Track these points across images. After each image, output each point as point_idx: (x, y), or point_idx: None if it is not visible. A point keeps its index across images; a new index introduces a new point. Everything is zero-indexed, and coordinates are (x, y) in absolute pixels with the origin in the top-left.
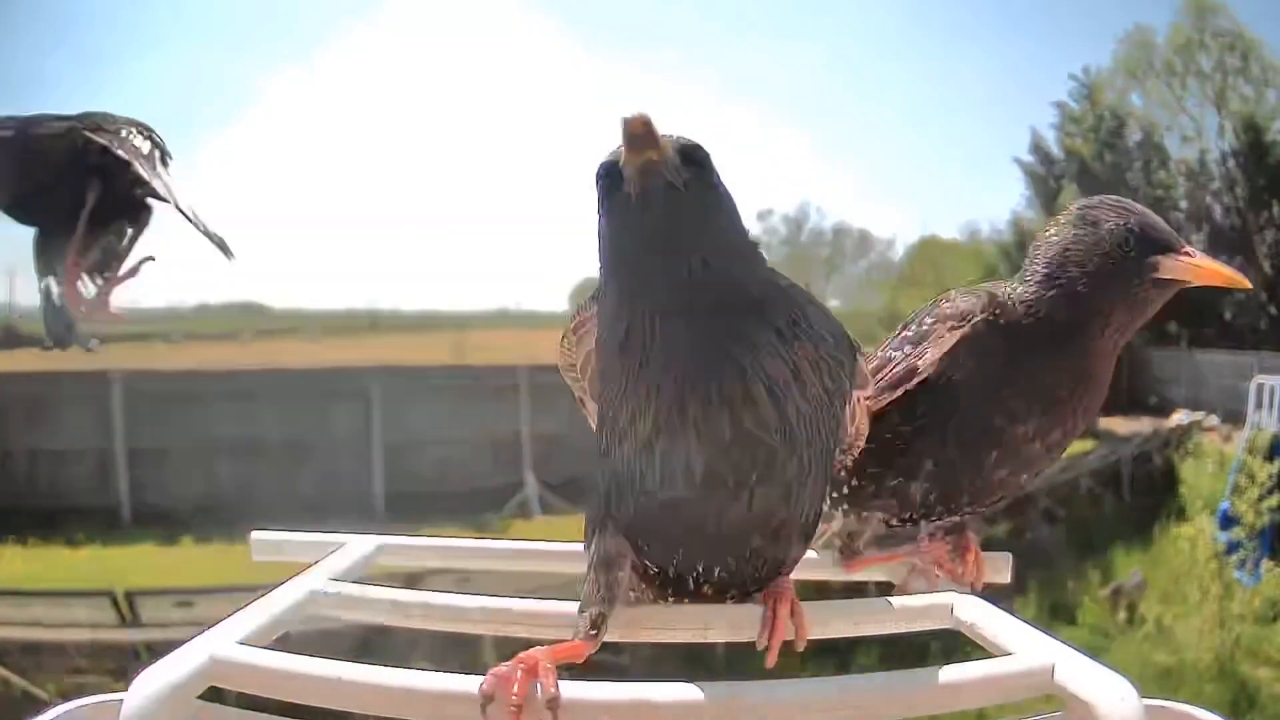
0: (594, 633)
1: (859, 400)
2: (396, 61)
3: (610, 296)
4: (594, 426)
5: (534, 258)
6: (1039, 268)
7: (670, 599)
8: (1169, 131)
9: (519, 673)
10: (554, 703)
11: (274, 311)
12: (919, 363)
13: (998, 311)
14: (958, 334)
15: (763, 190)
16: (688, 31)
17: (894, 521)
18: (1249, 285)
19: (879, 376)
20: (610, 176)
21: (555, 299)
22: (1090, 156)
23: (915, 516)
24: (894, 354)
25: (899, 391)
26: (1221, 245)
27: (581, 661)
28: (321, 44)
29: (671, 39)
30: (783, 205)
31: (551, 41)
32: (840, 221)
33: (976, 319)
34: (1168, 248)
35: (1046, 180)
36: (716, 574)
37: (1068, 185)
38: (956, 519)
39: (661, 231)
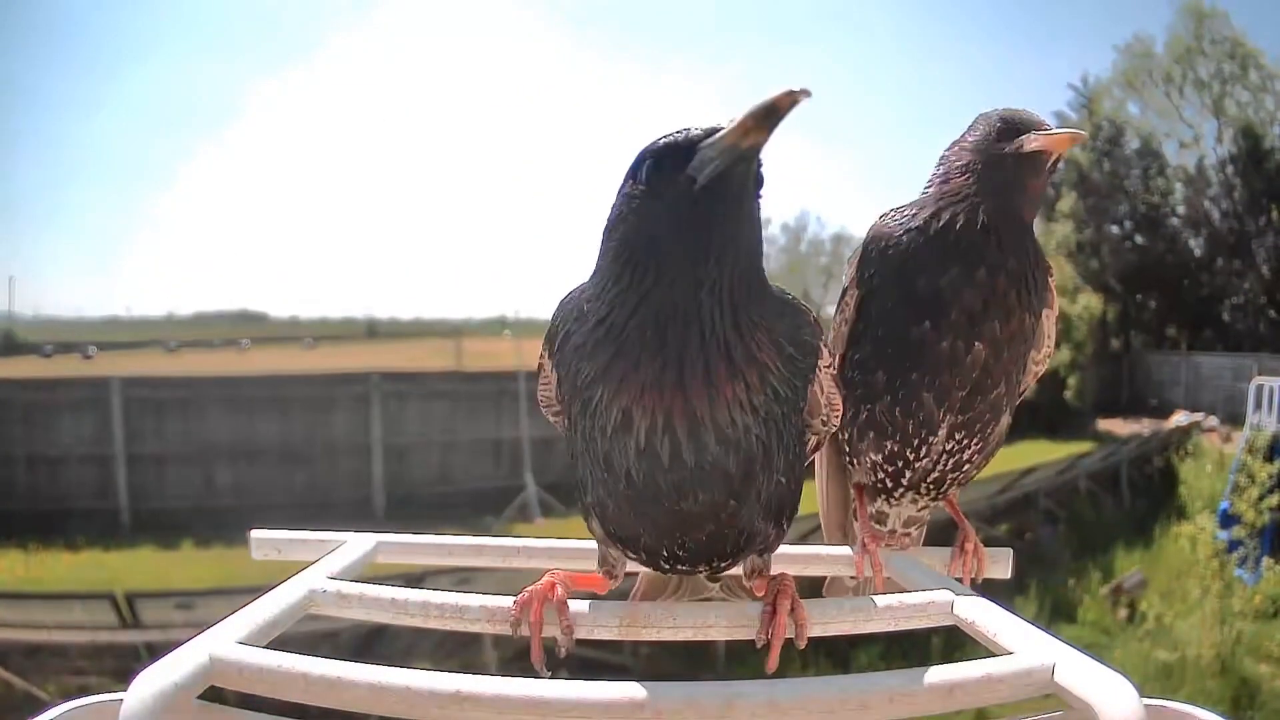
0: (612, 576)
1: (822, 371)
2: (394, 67)
3: (609, 287)
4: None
5: (531, 264)
6: (934, 177)
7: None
8: (1167, 138)
9: (535, 599)
10: (568, 629)
11: (272, 320)
12: (845, 297)
13: (889, 222)
14: (858, 254)
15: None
16: (689, 34)
17: (891, 486)
18: (1085, 137)
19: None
20: (671, 156)
21: (554, 306)
22: (1088, 165)
23: (886, 478)
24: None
25: (845, 333)
26: (1220, 249)
27: (602, 594)
28: (319, 47)
29: (672, 42)
30: (782, 214)
31: (551, 47)
32: (840, 230)
33: (868, 233)
34: (1030, 129)
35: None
36: (681, 555)
37: (1066, 193)
38: (928, 491)
39: (709, 222)
